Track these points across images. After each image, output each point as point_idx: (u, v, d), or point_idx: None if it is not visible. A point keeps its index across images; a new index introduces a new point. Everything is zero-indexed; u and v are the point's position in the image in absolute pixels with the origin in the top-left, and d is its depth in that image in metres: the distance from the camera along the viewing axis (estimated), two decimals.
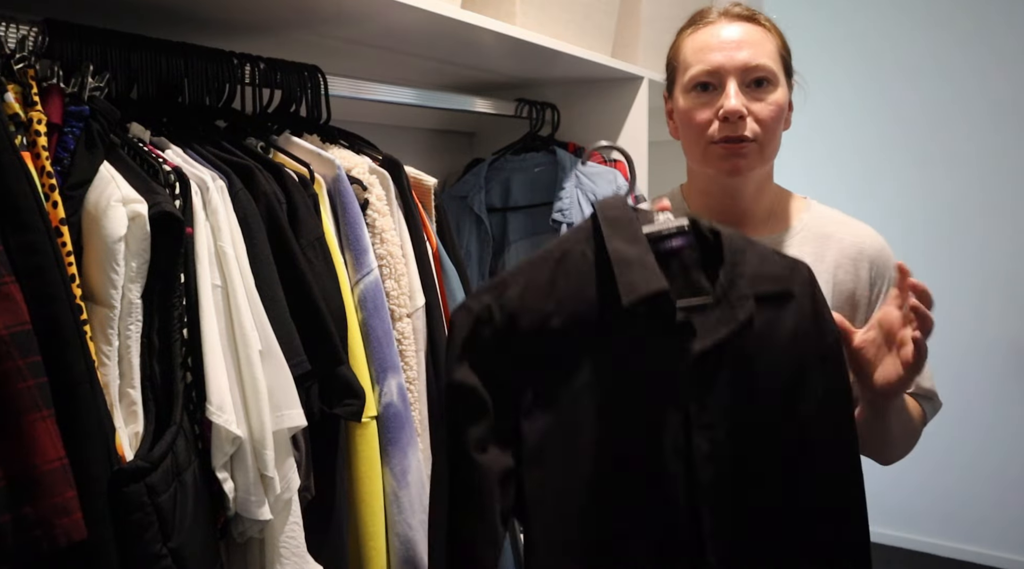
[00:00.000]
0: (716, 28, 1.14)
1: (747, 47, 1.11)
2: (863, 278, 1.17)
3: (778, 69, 1.13)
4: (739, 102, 1.09)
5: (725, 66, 1.10)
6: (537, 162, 1.88)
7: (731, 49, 1.11)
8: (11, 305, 0.68)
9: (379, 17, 1.25)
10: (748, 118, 1.10)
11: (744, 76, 1.10)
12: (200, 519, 0.82)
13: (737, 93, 1.10)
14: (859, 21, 3.38)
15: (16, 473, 0.67)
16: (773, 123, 1.12)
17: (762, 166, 1.15)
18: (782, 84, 1.13)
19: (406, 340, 1.14)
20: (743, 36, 1.12)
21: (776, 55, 1.13)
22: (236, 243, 0.92)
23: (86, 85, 0.85)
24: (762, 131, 1.11)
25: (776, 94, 1.12)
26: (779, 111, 1.12)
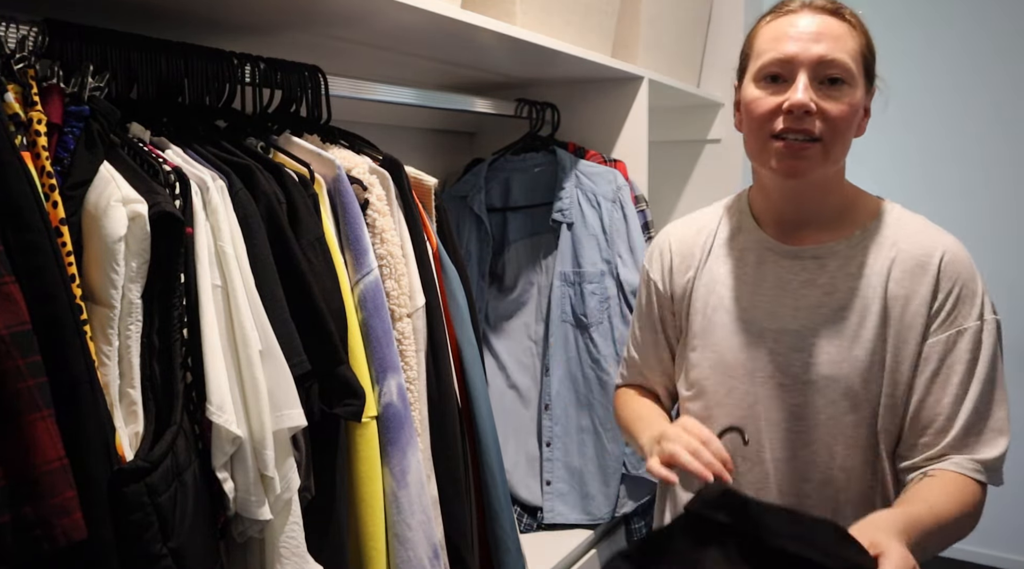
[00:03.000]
0: (795, 17, 1.06)
1: (825, 40, 1.03)
2: (922, 292, 1.05)
3: (857, 68, 1.04)
4: (807, 96, 1.01)
5: (798, 57, 1.03)
6: (537, 162, 1.88)
7: (807, 40, 1.03)
8: (11, 305, 0.68)
9: (379, 17, 1.25)
10: (816, 115, 1.02)
11: (818, 70, 1.03)
12: (200, 519, 0.82)
13: (807, 86, 1.02)
14: None
15: (16, 473, 0.67)
16: (843, 124, 1.04)
17: (824, 169, 1.06)
18: (859, 85, 1.05)
19: (406, 340, 1.14)
20: (822, 28, 1.04)
21: (857, 54, 1.05)
22: (236, 243, 0.92)
23: (86, 85, 0.85)
24: (829, 131, 1.03)
25: (850, 94, 1.03)
26: (851, 112, 1.04)
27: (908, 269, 1.06)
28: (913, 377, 1.06)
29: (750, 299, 1.14)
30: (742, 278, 1.15)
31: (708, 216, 1.25)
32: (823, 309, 1.09)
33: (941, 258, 1.06)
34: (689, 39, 2.31)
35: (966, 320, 1.04)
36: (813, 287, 1.10)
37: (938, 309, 1.05)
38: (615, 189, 1.80)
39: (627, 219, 1.79)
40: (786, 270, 1.12)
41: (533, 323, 1.86)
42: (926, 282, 1.05)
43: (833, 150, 1.05)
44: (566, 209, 1.80)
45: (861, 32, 1.07)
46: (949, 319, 1.05)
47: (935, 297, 1.05)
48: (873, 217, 1.12)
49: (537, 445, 1.81)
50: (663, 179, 2.44)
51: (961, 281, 1.05)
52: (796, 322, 1.10)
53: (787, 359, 1.09)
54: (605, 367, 1.73)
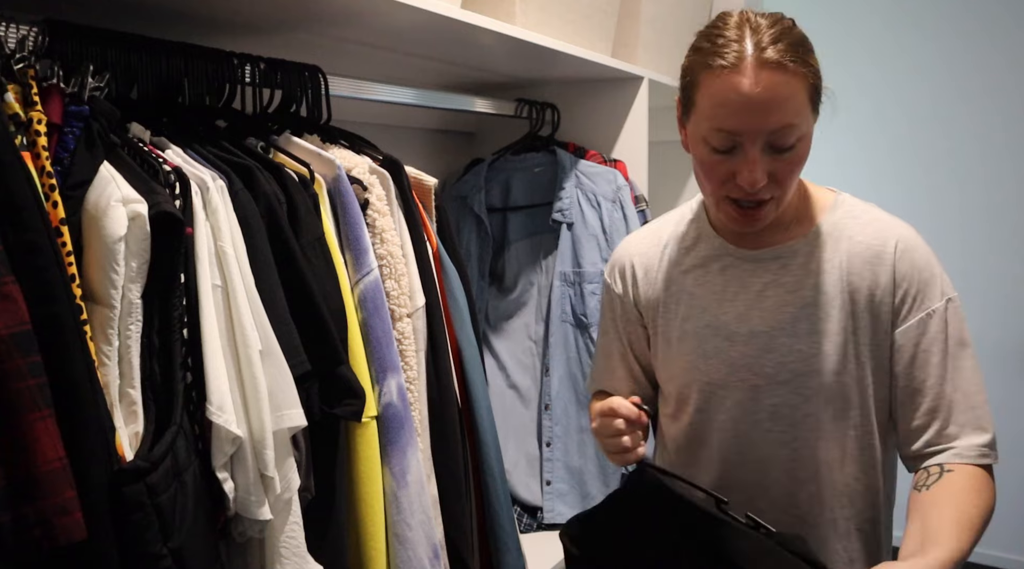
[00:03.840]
0: (738, 80, 0.96)
1: (775, 110, 0.96)
2: (882, 282, 1.07)
3: (805, 116, 0.99)
4: (760, 172, 0.99)
5: (747, 132, 0.98)
6: (537, 162, 1.88)
7: (755, 112, 0.96)
8: (11, 305, 0.68)
9: (379, 17, 1.25)
10: (769, 181, 1.00)
11: (770, 140, 0.98)
12: (200, 519, 0.82)
13: (759, 160, 0.98)
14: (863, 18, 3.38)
15: (16, 473, 0.67)
16: (794, 178, 1.03)
17: (777, 213, 1.07)
18: (808, 131, 1.01)
19: (406, 340, 1.14)
20: (770, 94, 0.95)
21: (804, 101, 0.98)
22: (236, 243, 0.92)
23: (86, 85, 0.85)
24: (780, 189, 1.02)
25: (800, 148, 1.00)
26: (801, 164, 1.02)
27: (866, 260, 1.08)
28: (891, 368, 1.07)
29: (718, 306, 1.14)
30: (708, 286, 1.16)
31: (666, 227, 1.24)
32: (789, 308, 1.09)
33: (896, 246, 1.07)
34: (689, 39, 2.31)
35: (932, 302, 1.06)
36: (777, 287, 1.11)
37: (903, 297, 1.06)
38: (615, 189, 1.80)
39: (627, 219, 1.79)
40: (749, 274, 1.13)
41: (533, 323, 1.86)
42: (884, 272, 1.07)
43: (785, 199, 1.05)
44: (566, 209, 1.80)
45: (807, 70, 0.98)
46: (915, 304, 1.06)
47: (897, 285, 1.06)
48: (826, 211, 1.13)
49: (537, 445, 1.81)
50: (663, 179, 2.44)
51: (918, 266, 1.07)
52: (764, 323, 1.10)
53: (759, 360, 1.10)
54: None
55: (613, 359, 1.28)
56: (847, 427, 1.09)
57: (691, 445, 1.18)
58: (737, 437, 1.13)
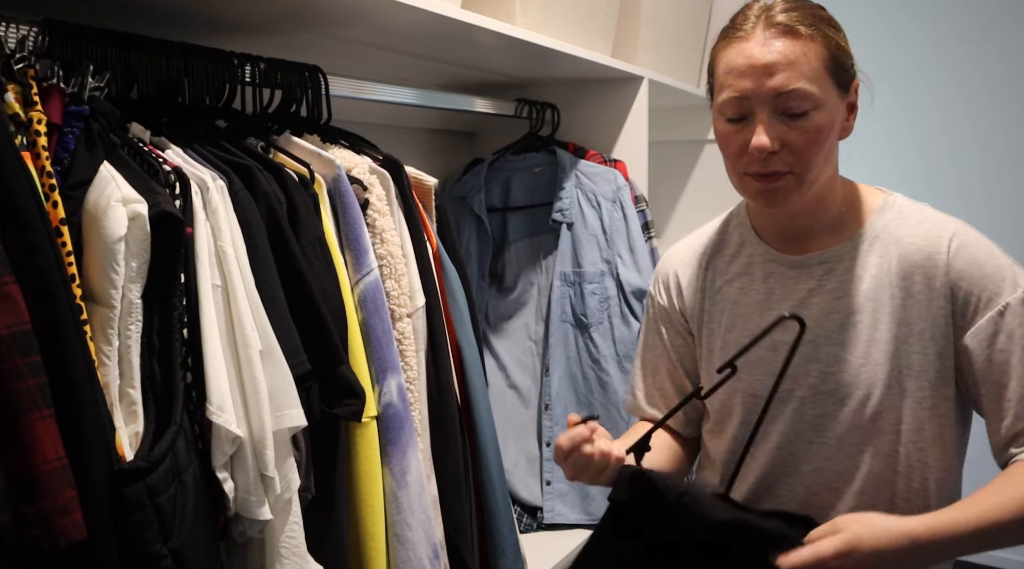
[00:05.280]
0: (747, 46, 0.99)
1: (780, 70, 0.97)
2: (937, 285, 1.00)
3: (822, 86, 0.98)
4: (768, 137, 0.98)
5: (754, 94, 0.98)
6: (537, 162, 1.88)
7: (761, 74, 0.97)
8: (11, 305, 0.68)
9: (379, 17, 1.25)
10: (782, 151, 0.99)
11: (777, 104, 0.98)
12: (200, 519, 0.82)
13: (768, 125, 0.98)
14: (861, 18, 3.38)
15: (16, 473, 0.67)
16: (811, 151, 0.99)
17: (804, 196, 1.03)
18: (826, 103, 0.99)
19: (406, 340, 1.14)
20: (776, 57, 0.97)
21: (820, 69, 0.98)
22: (236, 243, 0.92)
23: (86, 85, 0.85)
24: (797, 161, 0.99)
25: (816, 118, 0.98)
26: (818, 137, 0.99)
27: (916, 263, 1.02)
28: (970, 375, 1.01)
29: (761, 315, 1.11)
30: (752, 295, 1.13)
31: (709, 235, 1.22)
32: (834, 315, 1.06)
33: (949, 246, 1.01)
34: (689, 39, 2.31)
35: (1001, 296, 0.99)
36: (822, 293, 1.07)
37: (965, 298, 1.00)
38: (615, 189, 1.80)
39: (627, 219, 1.79)
40: (794, 280, 1.09)
41: (533, 323, 1.86)
42: (939, 274, 1.01)
43: (807, 177, 1.01)
44: (566, 209, 1.80)
45: (823, 39, 0.99)
46: (982, 303, 0.99)
47: (955, 287, 1.00)
48: (874, 213, 1.08)
49: (537, 445, 1.81)
50: (663, 179, 2.44)
51: (979, 261, 1.00)
52: (809, 332, 1.04)
53: (803, 370, 1.06)
54: (605, 367, 1.73)
55: (660, 375, 1.24)
56: (897, 441, 1.03)
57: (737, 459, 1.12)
58: (781, 450, 1.09)
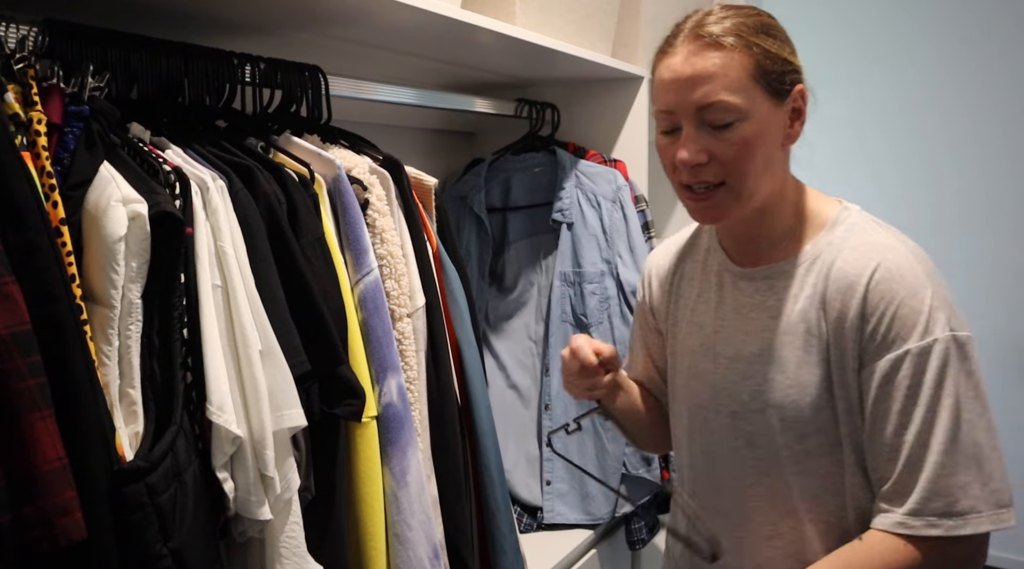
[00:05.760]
0: (673, 61, 0.98)
1: (701, 84, 0.95)
2: (851, 316, 0.96)
3: (748, 96, 0.96)
4: (692, 150, 0.96)
5: (678, 108, 0.98)
6: (537, 162, 1.88)
7: (683, 87, 0.96)
8: (11, 305, 0.68)
9: (379, 17, 1.25)
10: (712, 163, 0.97)
11: (701, 117, 0.96)
12: (200, 519, 0.82)
13: (693, 138, 0.97)
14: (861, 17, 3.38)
15: (16, 473, 0.67)
16: (743, 162, 0.97)
17: (743, 208, 1.00)
18: (754, 113, 0.96)
19: (406, 340, 1.14)
20: (698, 70, 0.96)
21: (744, 79, 0.95)
22: (236, 243, 0.92)
23: (86, 85, 0.85)
24: (730, 173, 0.97)
25: (743, 129, 0.96)
26: (747, 148, 0.96)
27: (841, 289, 0.97)
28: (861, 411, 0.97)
29: (711, 324, 1.10)
30: (708, 303, 1.12)
31: (686, 238, 1.22)
32: (767, 333, 1.03)
33: (871, 276, 0.95)
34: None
35: (905, 342, 0.92)
36: (761, 310, 1.05)
37: (871, 334, 0.94)
38: (615, 189, 1.80)
39: (627, 219, 1.79)
40: (742, 292, 1.08)
41: (533, 323, 1.86)
42: (854, 305, 0.96)
43: (743, 189, 0.98)
44: (566, 209, 1.80)
45: (748, 49, 0.96)
46: (885, 343, 0.93)
47: (866, 321, 0.95)
48: (822, 230, 1.03)
49: (537, 445, 1.81)
50: (663, 179, 2.44)
51: (897, 300, 0.93)
52: (747, 348, 1.05)
53: (738, 387, 1.05)
54: None
55: (637, 368, 1.29)
56: (827, 462, 1.00)
57: (689, 467, 1.15)
58: (721, 463, 1.08)
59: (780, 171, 1.03)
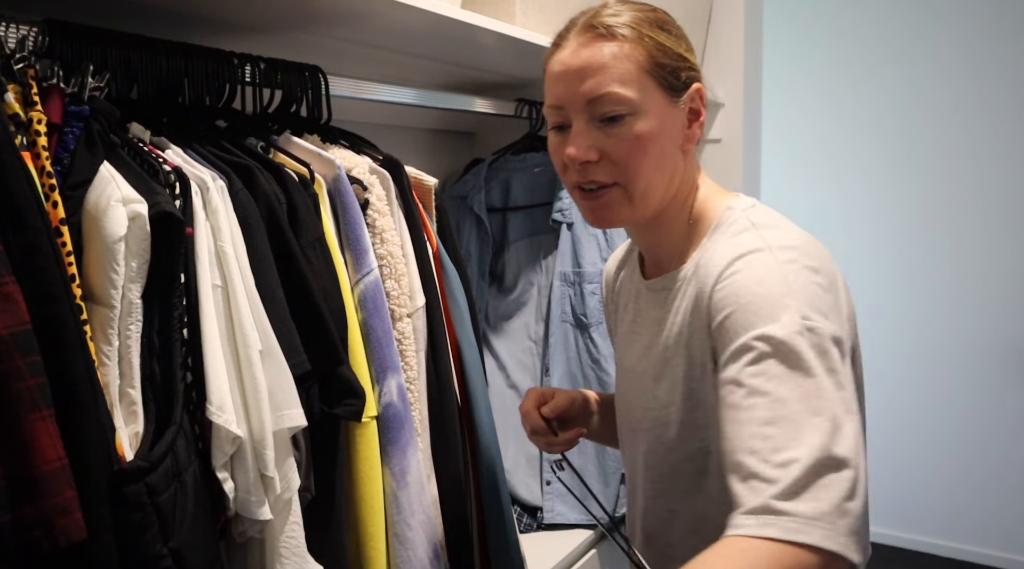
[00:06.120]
0: (563, 54, 0.94)
1: (590, 76, 0.90)
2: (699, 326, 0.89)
3: (641, 90, 0.90)
4: (581, 146, 0.91)
5: (567, 102, 0.93)
6: (537, 162, 1.88)
7: (572, 80, 0.92)
8: (11, 305, 0.68)
9: (379, 17, 1.25)
10: (603, 161, 0.92)
11: (591, 110, 0.91)
12: (200, 519, 0.82)
13: (583, 134, 0.92)
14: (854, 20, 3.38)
15: (16, 473, 0.67)
16: (635, 161, 0.91)
17: (636, 212, 0.94)
18: (647, 108, 0.91)
19: (406, 340, 1.14)
20: (587, 61, 0.91)
21: (636, 72, 0.90)
22: (236, 243, 0.92)
23: (86, 85, 0.85)
24: (621, 172, 0.92)
25: (635, 124, 0.90)
26: (640, 144, 0.91)
27: (694, 296, 0.91)
28: None
29: (627, 339, 1.07)
30: (627, 315, 1.09)
31: (629, 244, 1.18)
32: (654, 349, 0.99)
33: (720, 275, 0.86)
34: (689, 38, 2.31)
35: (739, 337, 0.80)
36: (653, 324, 1.00)
37: (716, 336, 0.84)
38: None
39: None
40: (647, 305, 1.03)
41: (533, 323, 1.86)
42: (702, 314, 0.88)
43: (635, 189, 0.92)
44: (566, 209, 1.80)
45: (641, 41, 0.91)
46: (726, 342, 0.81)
47: (711, 324, 0.86)
48: (701, 242, 0.96)
49: None
50: None
51: (736, 295, 0.82)
52: (640, 364, 1.01)
53: (634, 403, 1.02)
54: (605, 367, 1.73)
55: None
56: (715, 484, 0.91)
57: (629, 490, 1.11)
58: (633, 481, 1.06)
59: (678, 175, 0.96)
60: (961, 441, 3.25)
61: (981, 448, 3.22)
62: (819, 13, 3.38)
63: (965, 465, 3.26)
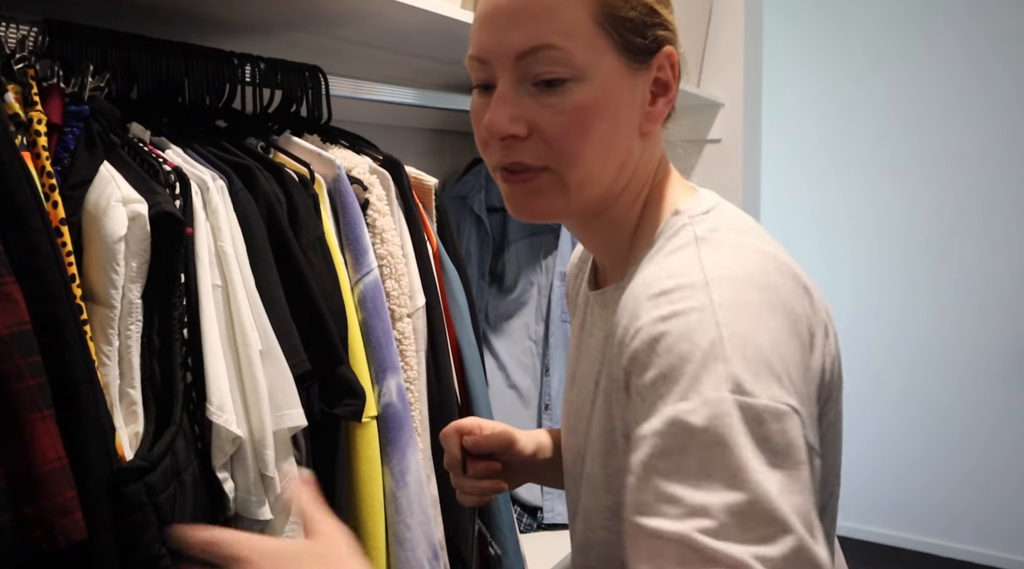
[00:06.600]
0: None
1: (525, 21, 0.68)
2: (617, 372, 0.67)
3: (589, 46, 0.68)
4: (505, 115, 0.69)
5: (492, 54, 0.71)
6: None
7: (501, 27, 0.69)
8: (11, 305, 0.68)
9: (379, 17, 1.25)
10: (532, 138, 0.70)
11: (521, 69, 0.69)
12: (200, 519, 0.82)
13: (509, 98, 0.70)
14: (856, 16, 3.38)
15: (16, 473, 0.67)
16: (572, 139, 0.69)
17: (573, 205, 0.72)
18: (594, 71, 0.68)
19: (406, 340, 1.14)
20: (523, 3, 0.68)
21: (586, 22, 0.68)
22: (236, 243, 0.92)
23: (86, 85, 0.85)
24: (554, 154, 0.70)
25: (577, 92, 0.68)
26: (581, 118, 0.68)
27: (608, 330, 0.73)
28: None
29: (576, 353, 0.85)
30: (575, 324, 0.89)
31: None
32: (587, 374, 0.79)
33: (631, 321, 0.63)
34: (689, 39, 2.31)
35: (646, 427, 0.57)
36: (588, 346, 0.81)
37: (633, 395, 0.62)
38: None
39: None
40: (593, 319, 0.82)
41: (533, 323, 1.86)
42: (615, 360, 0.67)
43: (571, 176, 0.70)
44: None
45: None
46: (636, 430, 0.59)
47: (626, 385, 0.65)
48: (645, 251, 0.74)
49: None
50: None
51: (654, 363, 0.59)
52: (573, 388, 0.83)
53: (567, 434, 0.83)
54: None
55: None
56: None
57: None
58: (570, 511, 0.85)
59: (632, 163, 0.74)
60: (963, 442, 3.25)
61: (983, 449, 3.22)
62: (820, 10, 3.38)
63: (967, 466, 3.26)
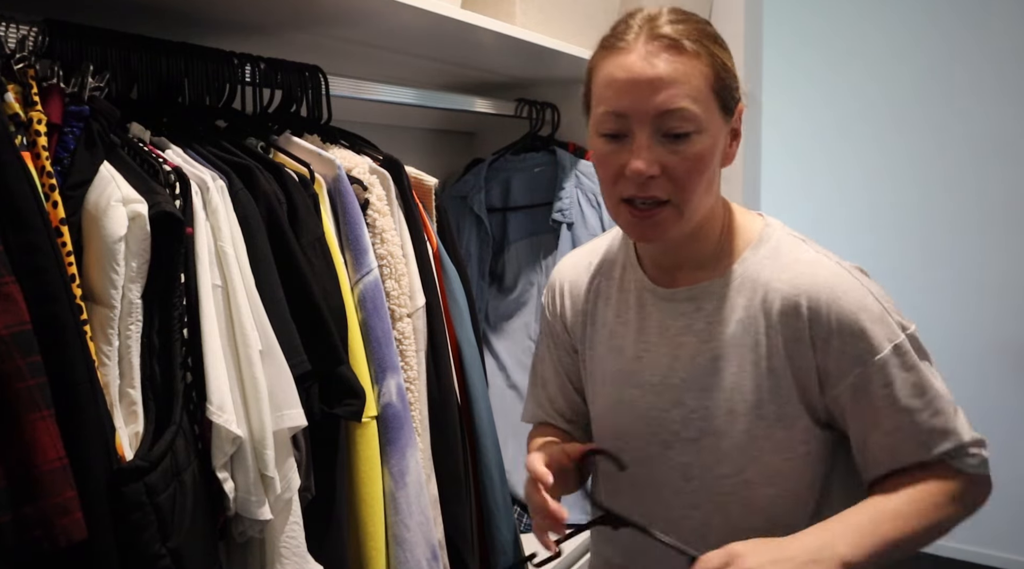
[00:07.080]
0: (627, 59, 0.89)
1: (664, 88, 0.87)
2: (804, 340, 0.93)
3: (706, 107, 0.90)
4: (648, 160, 0.88)
5: (634, 113, 0.89)
6: (537, 162, 1.88)
7: (643, 91, 0.88)
8: (11, 305, 0.68)
9: (379, 17, 1.25)
10: (662, 177, 0.89)
11: (658, 125, 0.89)
12: (200, 519, 0.82)
13: (648, 146, 0.89)
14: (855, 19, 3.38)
15: (16, 473, 0.67)
16: (693, 179, 0.90)
17: (684, 229, 0.94)
18: (709, 127, 0.90)
19: (406, 340, 1.14)
20: (659, 72, 0.88)
21: (705, 89, 0.89)
22: (236, 243, 0.92)
23: (86, 85, 0.85)
24: (678, 190, 0.90)
25: (698, 142, 0.89)
26: (700, 163, 0.90)
27: (783, 311, 0.94)
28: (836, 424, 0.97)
29: (633, 349, 1.03)
30: (627, 325, 1.05)
31: (601, 251, 1.12)
32: (699, 359, 0.98)
33: (816, 299, 0.93)
34: None
35: (862, 363, 0.92)
36: (690, 334, 0.99)
37: (823, 361, 0.93)
38: None
39: None
40: (666, 315, 1.01)
41: (533, 323, 1.86)
42: (802, 328, 0.93)
43: (687, 208, 0.92)
44: (566, 209, 1.80)
45: (709, 58, 0.90)
46: (847, 361, 0.92)
47: (815, 348, 0.93)
48: (748, 247, 0.99)
49: None
50: None
51: (838, 324, 0.92)
52: (676, 374, 0.99)
53: (669, 414, 0.99)
54: None
55: (550, 388, 1.16)
56: (766, 493, 0.96)
57: (614, 496, 1.07)
58: (651, 492, 1.02)
59: (716, 191, 0.98)
60: None
61: None
62: (819, 13, 3.38)
63: None
